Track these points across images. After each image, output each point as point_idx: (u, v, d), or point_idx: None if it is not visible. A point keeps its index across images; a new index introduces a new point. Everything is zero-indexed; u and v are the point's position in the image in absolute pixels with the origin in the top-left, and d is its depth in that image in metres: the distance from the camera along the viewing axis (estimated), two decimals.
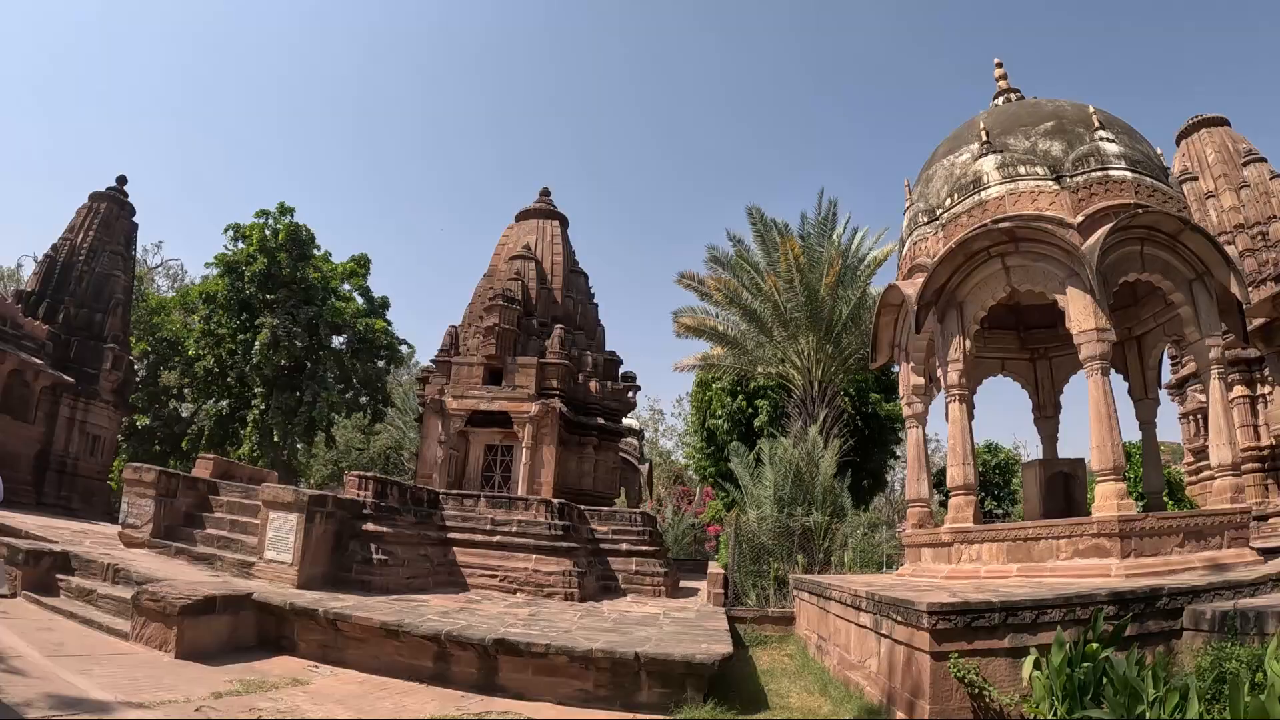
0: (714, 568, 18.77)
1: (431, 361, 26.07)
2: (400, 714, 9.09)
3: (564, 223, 29.67)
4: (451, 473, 24.05)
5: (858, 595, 10.28)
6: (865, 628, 9.93)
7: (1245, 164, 30.59)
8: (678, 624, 13.69)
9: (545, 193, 30.19)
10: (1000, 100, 15.67)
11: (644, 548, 20.26)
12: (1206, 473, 17.49)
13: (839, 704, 10.07)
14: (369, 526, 15.74)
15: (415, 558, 16.56)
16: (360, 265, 45.13)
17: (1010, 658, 7.60)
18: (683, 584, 21.43)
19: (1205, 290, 12.94)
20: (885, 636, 8.96)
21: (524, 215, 29.55)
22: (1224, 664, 6.71)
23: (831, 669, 11.75)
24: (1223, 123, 32.50)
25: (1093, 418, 11.77)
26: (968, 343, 13.30)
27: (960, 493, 13.09)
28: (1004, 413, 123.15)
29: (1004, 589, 9.50)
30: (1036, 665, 7.06)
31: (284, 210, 41.78)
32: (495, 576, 17.34)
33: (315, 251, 42.77)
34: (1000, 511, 37.82)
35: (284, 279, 40.20)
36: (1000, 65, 16.26)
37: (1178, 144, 33.16)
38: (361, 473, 17.23)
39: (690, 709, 9.62)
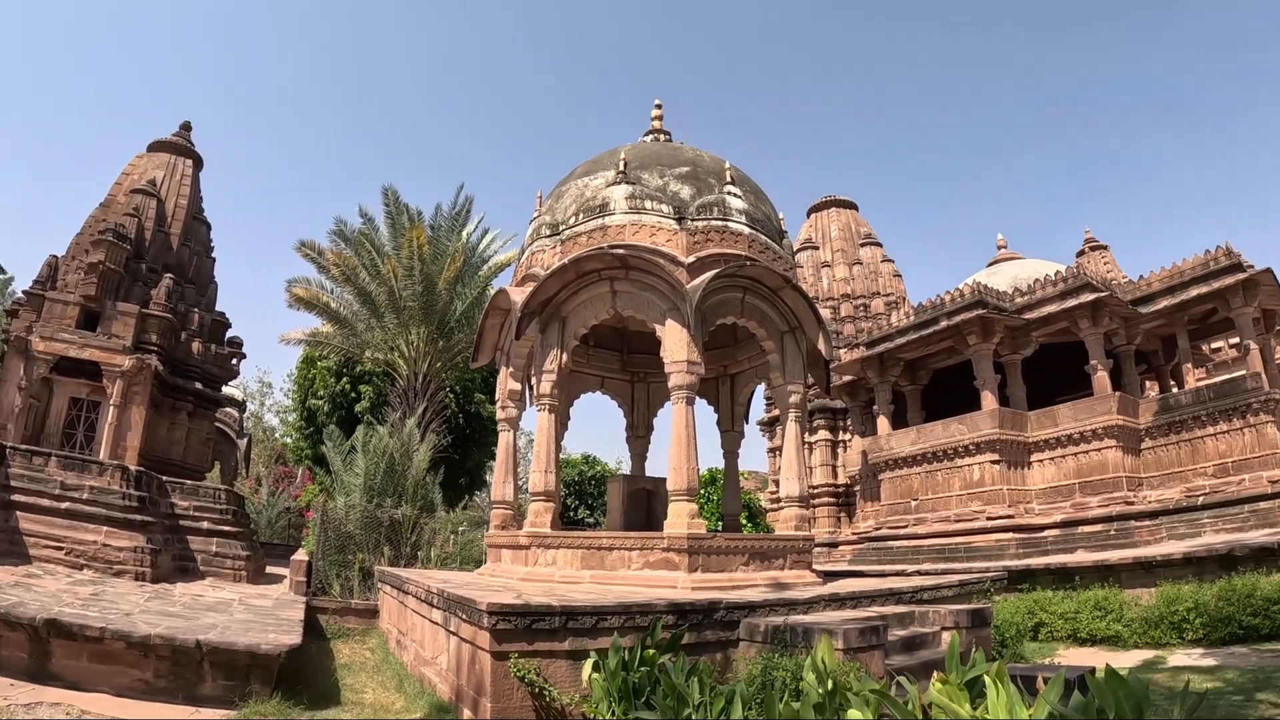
0: (299, 555, 18.05)
1: (23, 293, 23.29)
2: None
3: (198, 163, 26.78)
4: (30, 425, 21.27)
5: (430, 591, 10.14)
6: (437, 624, 9.81)
7: (863, 245, 33.92)
8: (252, 611, 12.91)
9: (186, 127, 27.18)
10: (649, 138, 16.22)
11: (227, 528, 19.10)
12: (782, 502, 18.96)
13: (412, 700, 9.91)
14: None
15: None
16: None
17: (571, 660, 7.76)
18: (271, 570, 20.58)
19: (795, 343, 14.05)
20: (454, 634, 8.88)
21: (157, 147, 26.36)
22: (772, 673, 7.22)
23: (409, 665, 11.55)
24: (851, 206, 35.88)
25: (674, 442, 12.37)
26: (565, 356, 13.59)
27: (540, 499, 13.38)
28: (614, 428, 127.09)
29: (572, 594, 9.71)
30: (596, 668, 7.23)
31: None
32: (62, 549, 15.50)
33: None
34: (592, 520, 38.83)
35: None
36: (659, 107, 16.79)
37: (809, 215, 36.07)
38: None
39: (255, 704, 9.07)
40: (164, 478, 19.39)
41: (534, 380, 14.05)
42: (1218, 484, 19.54)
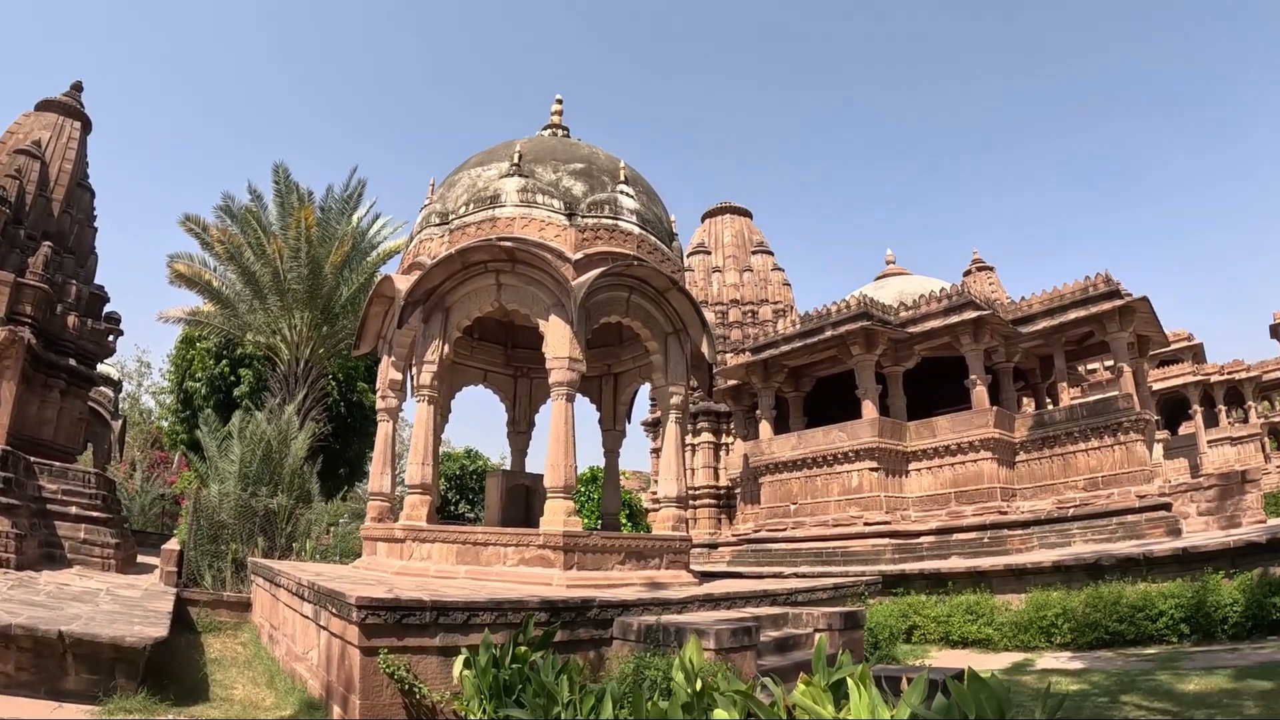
0: (171, 544, 17.41)
1: None
2: None
3: (87, 126, 25.25)
4: None
5: (302, 584, 9.79)
6: (308, 618, 9.50)
7: (754, 252, 34.31)
8: (119, 602, 12.25)
9: (77, 87, 25.63)
10: (547, 132, 16.04)
11: (97, 514, 18.24)
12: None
13: (283, 697, 9.58)
14: None
15: None
16: None
17: (442, 656, 7.59)
18: (143, 559, 19.77)
19: (679, 345, 14.05)
20: (324, 629, 8.62)
21: (45, 106, 24.88)
22: (644, 672, 7.16)
23: (281, 660, 11.19)
24: (746, 213, 36.30)
25: (552, 438, 12.24)
26: (446, 347, 13.38)
27: (417, 491, 13.17)
28: (500, 423, 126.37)
29: (445, 590, 9.50)
30: (467, 665, 7.05)
31: None
32: None
33: None
34: (472, 515, 38.34)
35: None
36: (560, 102, 16.57)
37: (703, 220, 36.33)
38: None
39: (120, 699, 8.59)
40: (32, 459, 18.30)
41: (415, 370, 13.79)
42: (1088, 497, 20.33)
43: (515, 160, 13.89)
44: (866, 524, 21.15)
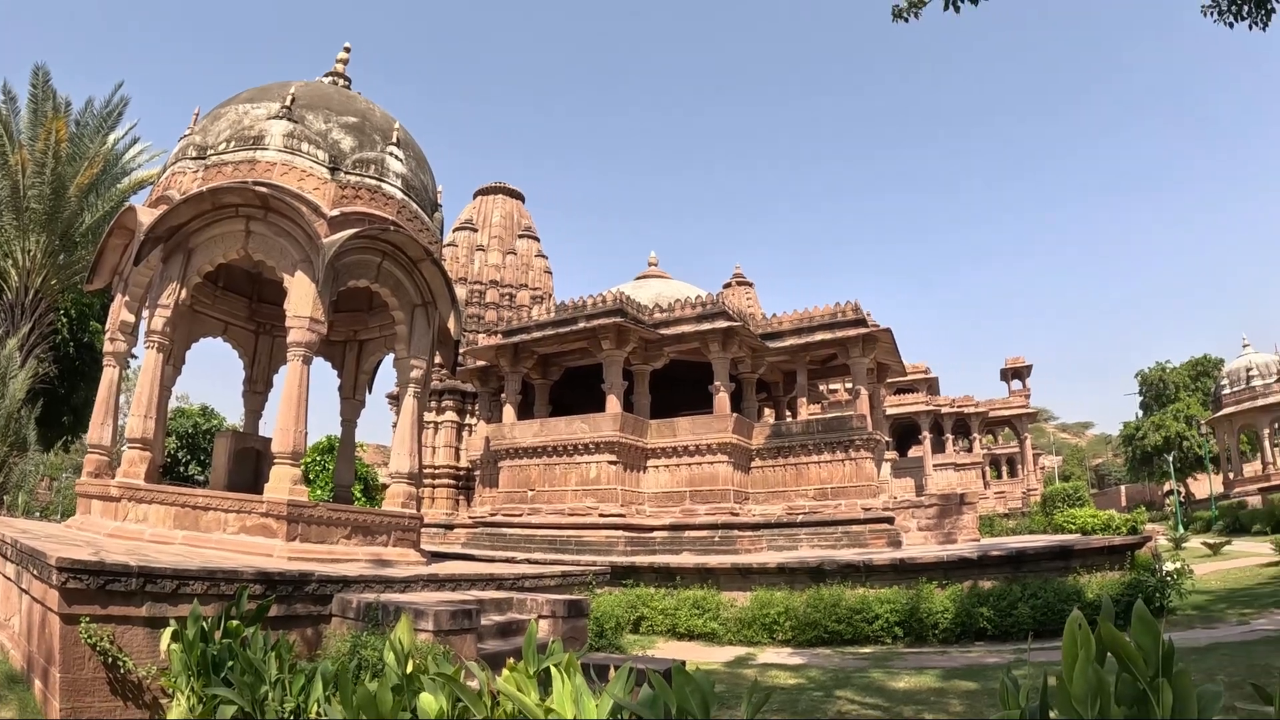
0: None
1: None
2: None
3: None
4: None
5: (4, 541, 8.98)
6: (10, 580, 8.76)
7: (521, 236, 34.31)
8: None
9: None
10: (328, 80, 15.36)
11: None
12: None
13: None
14: None
15: None
16: None
17: (150, 627, 7.13)
18: None
19: (427, 318, 13.84)
20: (26, 592, 7.96)
21: None
22: (360, 651, 6.97)
23: None
24: (518, 196, 36.23)
25: (284, 401, 11.84)
26: (184, 292, 12.50)
27: (137, 447, 12.18)
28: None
29: (159, 555, 8.92)
30: (175, 637, 6.49)
31: None
32: None
33: None
34: (202, 478, 36.45)
35: None
36: (348, 50, 15.96)
37: (475, 197, 35.94)
38: None
39: None
40: None
41: (148, 314, 12.80)
42: (817, 506, 21.53)
43: (287, 103, 13.32)
44: (602, 515, 21.51)
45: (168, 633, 6.72)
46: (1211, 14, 10.96)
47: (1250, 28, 10.81)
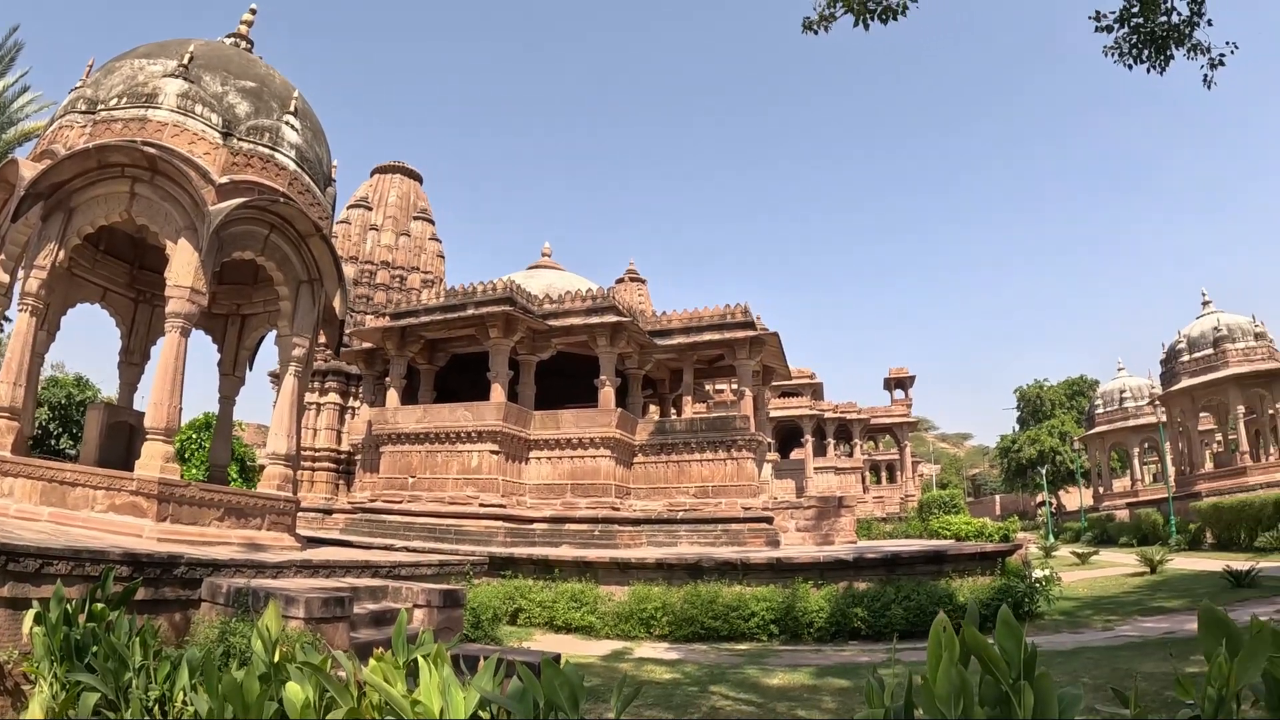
0: None
1: None
2: None
3: None
4: None
5: None
6: None
7: (416, 218, 33.88)
8: None
9: None
10: (230, 41, 14.85)
11: None
12: None
13: None
14: None
15: None
16: None
17: (11, 609, 6.80)
18: None
19: (312, 296, 13.58)
20: None
21: None
22: (229, 638, 6.72)
23: None
24: (416, 176, 35.74)
25: (159, 374, 11.50)
26: (63, 253, 12.02)
27: (5, 416, 11.52)
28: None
29: (21, 533, 8.47)
30: (39, 620, 6.24)
31: None
32: None
33: None
34: (74, 452, 35.00)
35: None
36: (254, 12, 15.39)
37: (372, 175, 35.38)
38: None
39: None
40: None
41: (24, 275, 12.22)
42: (698, 503, 21.74)
43: (184, 61, 12.89)
44: (482, 505, 21.38)
45: (30, 615, 6.46)
46: (1113, 55, 11.38)
47: (1148, 71, 11.29)
